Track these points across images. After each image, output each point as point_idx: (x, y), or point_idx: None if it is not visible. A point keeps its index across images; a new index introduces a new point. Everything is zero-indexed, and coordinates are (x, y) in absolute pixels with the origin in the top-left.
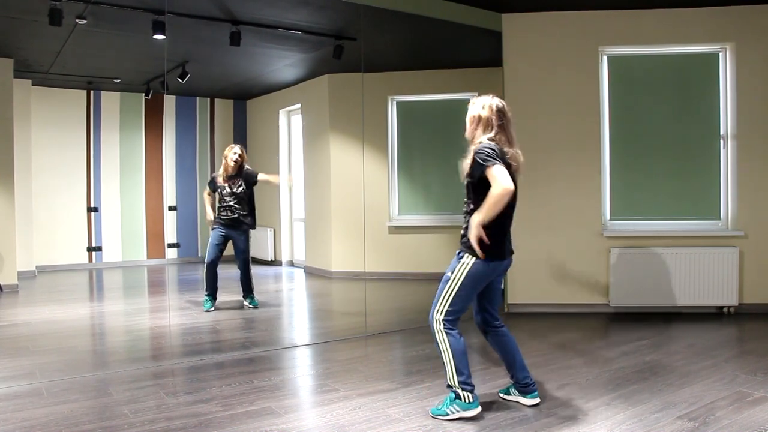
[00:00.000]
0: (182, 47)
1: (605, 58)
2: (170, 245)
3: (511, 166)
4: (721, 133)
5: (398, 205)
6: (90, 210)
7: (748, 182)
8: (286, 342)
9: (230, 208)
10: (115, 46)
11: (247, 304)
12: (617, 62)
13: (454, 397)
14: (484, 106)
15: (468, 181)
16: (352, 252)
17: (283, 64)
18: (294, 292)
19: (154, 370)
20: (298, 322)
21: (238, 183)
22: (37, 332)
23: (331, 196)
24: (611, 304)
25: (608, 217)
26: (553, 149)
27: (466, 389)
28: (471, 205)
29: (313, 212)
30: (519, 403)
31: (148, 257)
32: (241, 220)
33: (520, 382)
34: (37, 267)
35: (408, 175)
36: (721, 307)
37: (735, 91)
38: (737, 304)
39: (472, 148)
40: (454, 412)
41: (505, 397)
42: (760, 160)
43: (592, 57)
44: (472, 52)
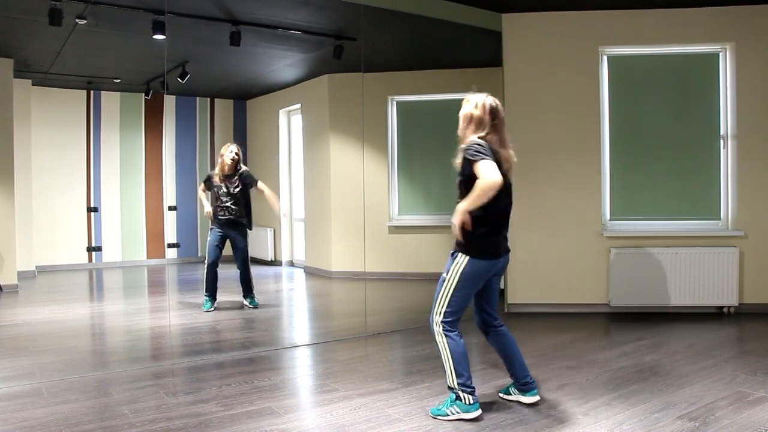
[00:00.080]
0: (182, 47)
1: (605, 58)
2: (170, 245)
3: (502, 166)
4: (721, 133)
5: (398, 205)
6: (90, 210)
7: (748, 182)
8: (286, 342)
9: (227, 208)
10: (115, 46)
11: (247, 304)
12: (617, 62)
13: (455, 398)
14: (477, 105)
15: (459, 179)
16: (352, 252)
17: (283, 64)
18: (294, 292)
19: (154, 370)
20: (298, 322)
21: (235, 183)
22: (37, 332)
23: (331, 196)
24: (611, 304)
25: (608, 217)
26: (553, 149)
27: (466, 391)
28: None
29: (313, 212)
30: (519, 402)
31: (148, 257)
32: (238, 220)
33: (519, 381)
34: (37, 267)
35: (408, 175)
36: (721, 307)
37: (735, 91)
38: (737, 304)
39: (462, 146)
40: (454, 413)
41: (505, 397)
42: (760, 160)
43: (592, 57)
44: (472, 52)
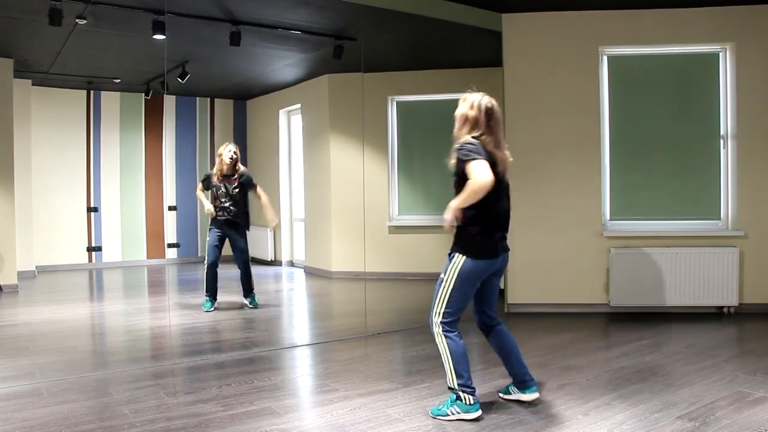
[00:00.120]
0: (182, 47)
1: (605, 58)
2: (170, 245)
3: (498, 166)
4: (721, 133)
5: (398, 205)
6: (90, 210)
7: (748, 182)
8: (286, 342)
9: (226, 209)
10: (115, 46)
11: (248, 304)
12: (617, 62)
13: (455, 399)
14: (472, 106)
15: (454, 179)
16: (352, 252)
17: (283, 64)
18: (294, 292)
19: (154, 370)
20: (298, 322)
21: (234, 184)
22: (37, 332)
23: (331, 196)
24: (611, 304)
25: (608, 217)
26: (553, 149)
27: (466, 391)
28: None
29: (313, 212)
30: (519, 402)
31: (148, 257)
32: (237, 220)
33: (517, 378)
34: (37, 267)
35: (408, 175)
36: (721, 307)
37: (735, 91)
38: (737, 304)
39: (455, 146)
40: (455, 414)
41: (505, 396)
42: (760, 160)
43: (592, 57)
44: (472, 52)
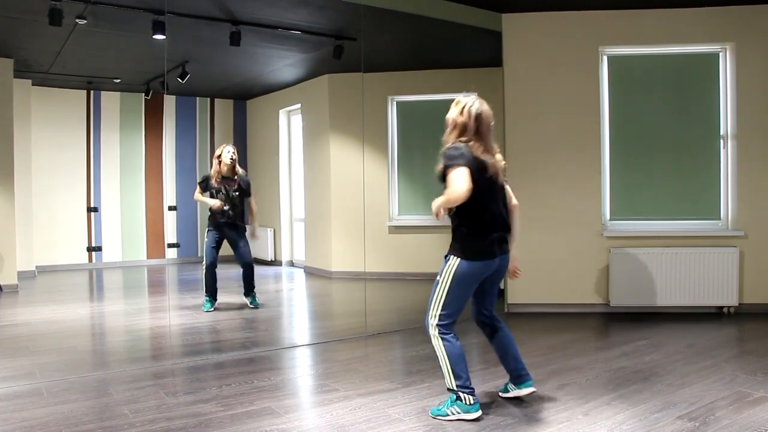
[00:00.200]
0: (182, 47)
1: (605, 58)
2: (170, 245)
3: (487, 171)
4: (721, 133)
5: (398, 205)
6: (90, 210)
7: (748, 182)
8: (286, 342)
9: (225, 212)
10: (115, 46)
11: (248, 304)
12: (617, 62)
13: (455, 399)
14: (462, 111)
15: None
16: (352, 252)
17: (283, 64)
18: (294, 292)
19: (154, 370)
20: (298, 322)
21: (234, 186)
22: (37, 332)
23: (331, 196)
24: (611, 304)
25: (608, 217)
26: (553, 149)
27: (465, 392)
28: (453, 207)
29: (313, 212)
30: (518, 402)
31: (148, 257)
32: (237, 223)
33: (513, 374)
34: (37, 267)
35: (408, 175)
36: (721, 307)
37: (735, 91)
38: (737, 304)
39: (441, 151)
40: (455, 414)
41: (505, 395)
42: (760, 160)
43: (592, 57)
44: (472, 52)
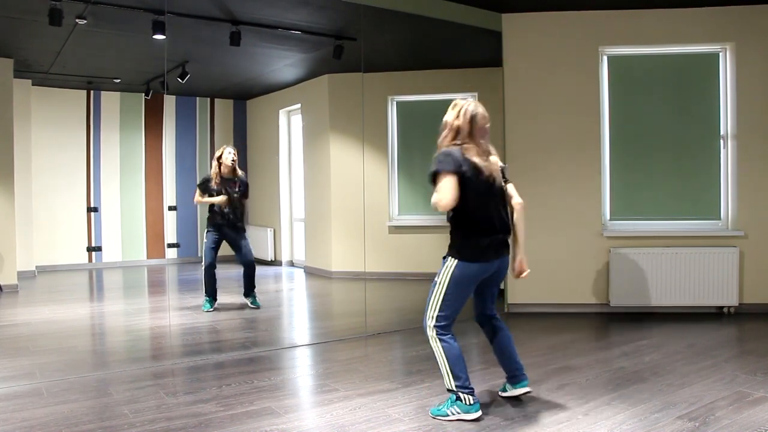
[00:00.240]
0: (182, 47)
1: (605, 58)
2: (170, 245)
3: (482, 174)
4: (721, 133)
5: (398, 205)
6: (90, 210)
7: (748, 182)
8: (286, 342)
9: (224, 214)
10: (115, 46)
11: (249, 304)
12: (617, 62)
13: (455, 399)
14: (458, 115)
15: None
16: (352, 252)
17: (283, 64)
18: (294, 292)
19: (154, 370)
20: (298, 322)
21: (234, 188)
22: (37, 332)
23: (331, 196)
24: (611, 304)
25: (608, 217)
26: (553, 149)
27: (465, 392)
28: (450, 210)
29: (313, 212)
30: (518, 402)
31: (148, 257)
32: (238, 224)
33: (509, 373)
34: (37, 267)
35: (408, 175)
36: (721, 307)
37: (735, 91)
38: (737, 304)
39: (434, 155)
40: (455, 414)
41: (504, 394)
42: (760, 160)
43: (592, 57)
44: (472, 52)
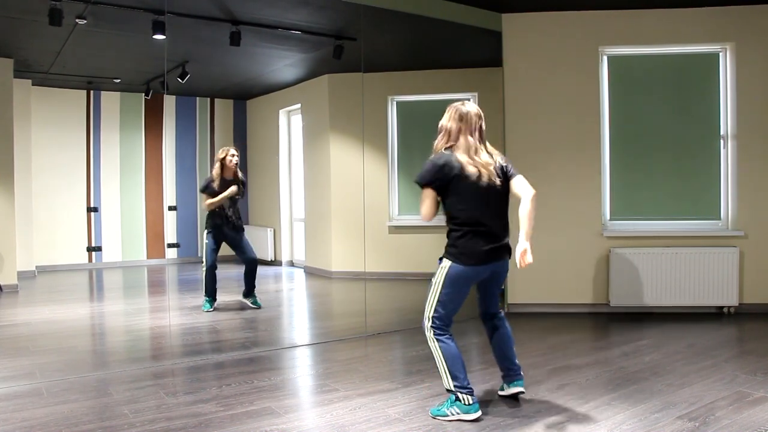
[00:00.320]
0: (182, 47)
1: (605, 58)
2: (170, 245)
3: (468, 178)
4: (721, 133)
5: (398, 205)
6: (90, 210)
7: (748, 182)
8: (286, 342)
9: (226, 214)
10: (115, 46)
11: (250, 304)
12: (617, 62)
13: (455, 399)
14: (451, 117)
15: None
16: (352, 252)
17: (283, 64)
18: (294, 292)
19: (154, 370)
20: (298, 322)
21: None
22: (37, 332)
23: (331, 196)
24: (611, 304)
25: (608, 217)
26: (553, 149)
27: (463, 392)
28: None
29: (313, 212)
30: (518, 398)
31: (148, 257)
32: (237, 223)
33: (503, 371)
34: (37, 267)
35: (408, 175)
36: (721, 307)
37: (735, 91)
38: (737, 304)
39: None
40: (454, 414)
41: (501, 393)
42: (760, 160)
43: (592, 57)
44: (472, 52)
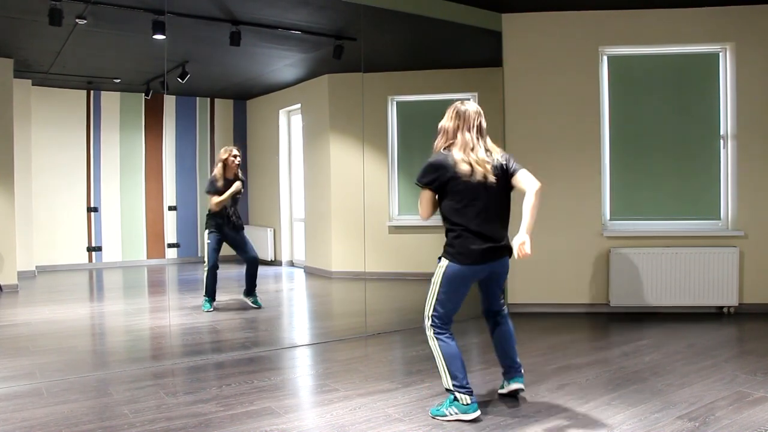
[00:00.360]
0: (182, 47)
1: (605, 58)
2: (170, 245)
3: (460, 179)
4: (721, 133)
5: (398, 205)
6: (90, 210)
7: (748, 182)
8: (286, 342)
9: (227, 214)
10: (115, 46)
11: (251, 303)
12: (617, 62)
13: (453, 399)
14: (450, 117)
15: None
16: (352, 252)
17: (283, 64)
18: (294, 292)
19: (154, 370)
20: (298, 322)
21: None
22: (37, 332)
23: (331, 196)
24: (611, 304)
25: (608, 217)
26: (553, 149)
27: (462, 392)
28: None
29: (313, 212)
30: (518, 398)
31: (148, 257)
32: (237, 223)
33: (503, 368)
34: (37, 267)
35: (408, 175)
36: (721, 307)
37: (735, 91)
38: (737, 304)
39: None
40: (453, 414)
41: (501, 391)
42: (760, 160)
43: (592, 57)
44: (472, 52)
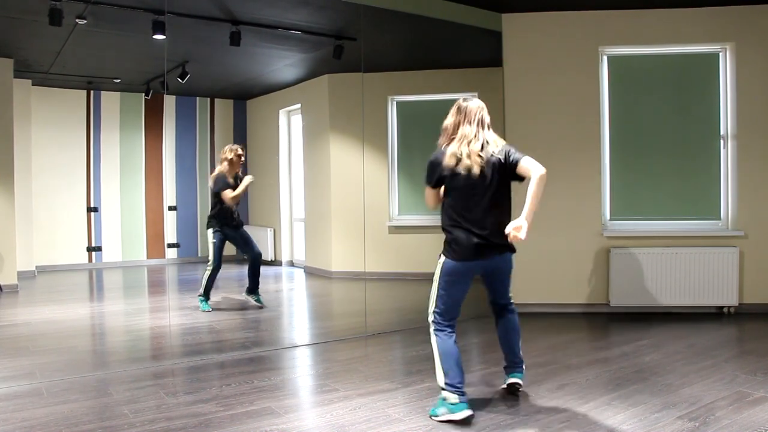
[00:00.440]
0: (182, 47)
1: (605, 58)
2: (170, 245)
3: (458, 174)
4: (721, 133)
5: (398, 205)
6: (90, 210)
7: (748, 182)
8: (286, 342)
9: (232, 212)
10: (115, 46)
11: (253, 301)
12: (617, 62)
13: (443, 398)
14: (452, 113)
15: None
16: (352, 252)
17: (283, 64)
18: (294, 292)
19: (154, 370)
20: (298, 322)
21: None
22: (37, 332)
23: (331, 196)
24: (611, 304)
25: (608, 217)
26: (553, 149)
27: (451, 390)
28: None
29: (313, 212)
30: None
31: (148, 257)
32: (239, 221)
33: (505, 361)
34: (37, 267)
35: (408, 175)
36: (721, 307)
37: (735, 91)
38: (737, 304)
39: None
40: (443, 414)
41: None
42: (760, 160)
43: (592, 57)
44: (472, 52)
